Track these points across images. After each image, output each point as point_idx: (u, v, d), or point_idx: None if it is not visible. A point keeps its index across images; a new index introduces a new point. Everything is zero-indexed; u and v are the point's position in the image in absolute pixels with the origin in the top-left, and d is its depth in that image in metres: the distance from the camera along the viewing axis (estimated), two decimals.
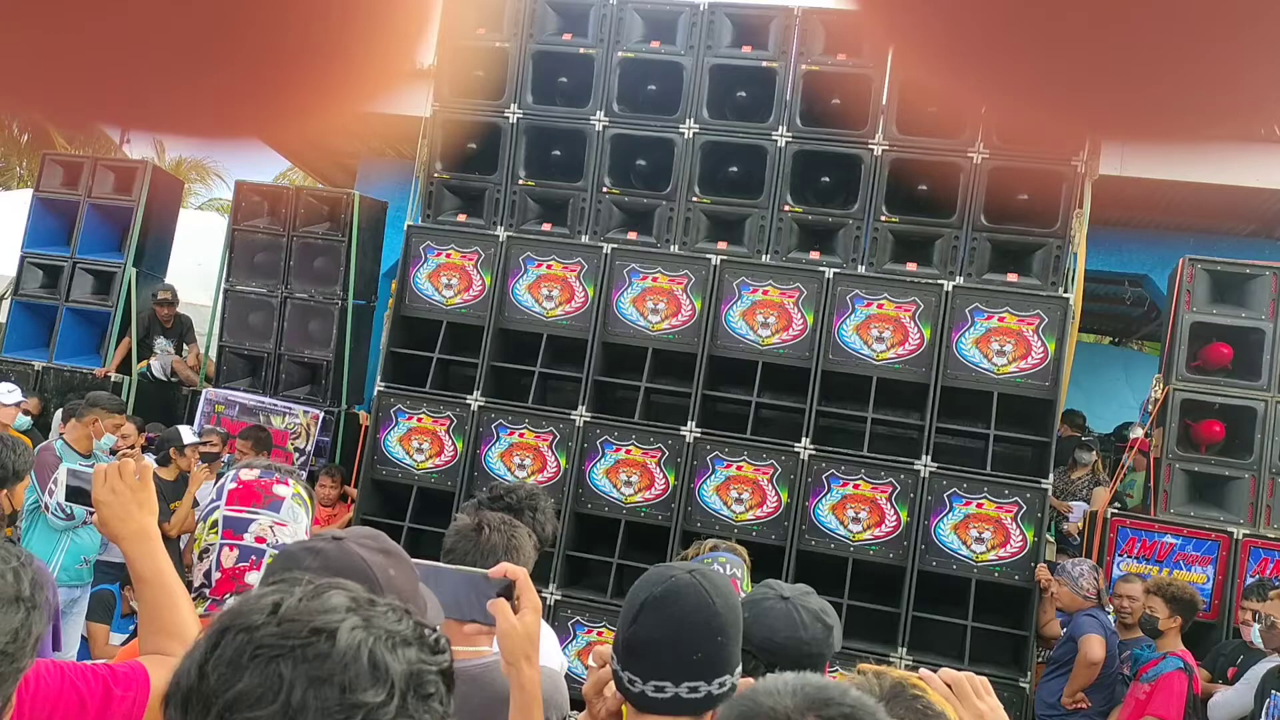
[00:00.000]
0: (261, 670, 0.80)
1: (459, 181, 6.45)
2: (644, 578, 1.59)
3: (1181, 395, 5.91)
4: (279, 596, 0.86)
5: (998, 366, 5.59)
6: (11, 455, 3.07)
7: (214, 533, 1.69)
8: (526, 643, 1.57)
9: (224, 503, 1.72)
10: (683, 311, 5.93)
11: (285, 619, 0.83)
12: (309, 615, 0.83)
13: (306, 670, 0.80)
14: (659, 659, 1.50)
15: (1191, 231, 8.36)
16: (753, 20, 6.09)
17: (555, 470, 5.90)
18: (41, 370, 7.67)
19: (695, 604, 1.52)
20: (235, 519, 1.70)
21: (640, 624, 1.52)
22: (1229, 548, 5.61)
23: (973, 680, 1.55)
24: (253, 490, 1.74)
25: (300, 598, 0.85)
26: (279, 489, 1.77)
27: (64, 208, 8.10)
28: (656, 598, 1.52)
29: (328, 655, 0.81)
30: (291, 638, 0.82)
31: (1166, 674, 4.52)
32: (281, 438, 7.01)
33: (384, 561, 1.32)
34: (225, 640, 0.83)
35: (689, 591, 1.52)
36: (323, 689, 0.80)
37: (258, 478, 1.76)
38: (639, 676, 1.50)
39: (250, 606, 0.85)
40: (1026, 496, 5.41)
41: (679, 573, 1.56)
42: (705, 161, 6.09)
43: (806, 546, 5.55)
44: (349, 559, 1.29)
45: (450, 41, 6.43)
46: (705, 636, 1.51)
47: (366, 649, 0.83)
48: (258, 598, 0.86)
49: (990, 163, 5.72)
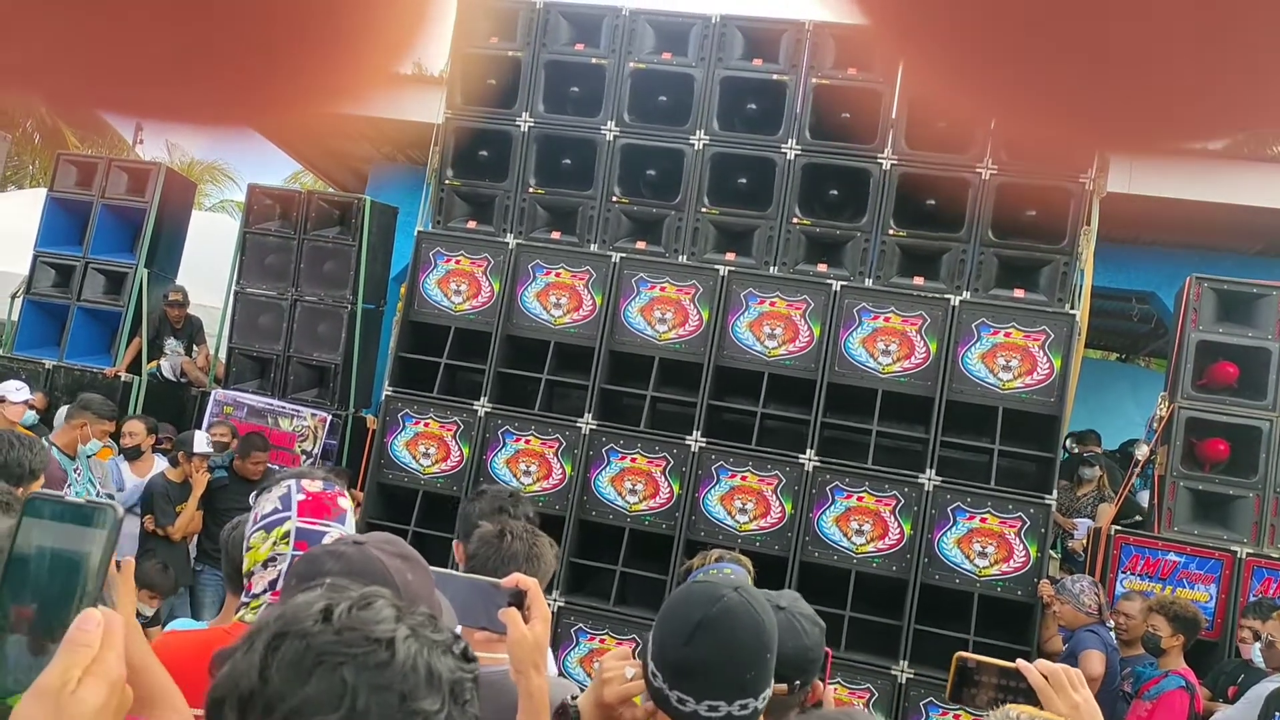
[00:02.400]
0: (326, 677, 0.82)
1: (469, 188, 6.49)
2: (688, 596, 1.59)
3: (1187, 413, 5.91)
4: (326, 603, 0.88)
5: (1003, 381, 5.60)
6: (28, 454, 3.10)
7: (285, 543, 1.72)
8: (536, 651, 1.59)
9: (295, 514, 1.75)
10: (690, 321, 5.96)
11: (344, 627, 0.85)
12: (364, 624, 0.86)
13: (369, 678, 0.83)
14: (715, 679, 1.50)
15: (1199, 249, 8.37)
16: (764, 33, 6.12)
17: (561, 477, 5.92)
18: (52, 369, 7.72)
19: (748, 623, 1.53)
20: (309, 531, 1.74)
21: (695, 645, 1.51)
22: (1232, 566, 5.61)
23: (1069, 672, 1.62)
24: (321, 503, 1.78)
25: (351, 606, 0.88)
26: (342, 501, 1.82)
27: (77, 207, 8.16)
28: (712, 619, 1.52)
29: (388, 664, 0.85)
30: (354, 646, 0.84)
31: (1168, 692, 4.52)
32: (289, 440, 7.05)
33: (402, 566, 1.35)
34: (284, 645, 0.85)
35: (742, 611, 1.53)
36: (384, 696, 0.83)
37: (322, 490, 1.80)
38: (691, 696, 1.50)
39: (302, 613, 0.87)
40: (1030, 512, 5.42)
41: (728, 591, 1.56)
42: (715, 173, 6.12)
43: (809, 558, 5.57)
44: (370, 563, 1.32)
45: (463, 49, 6.48)
46: (757, 655, 1.53)
47: (423, 659, 0.86)
48: (306, 604, 0.88)
49: (998, 178, 5.75)
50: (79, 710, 0.81)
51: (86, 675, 0.83)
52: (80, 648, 0.84)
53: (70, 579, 0.90)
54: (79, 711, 0.81)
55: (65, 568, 0.90)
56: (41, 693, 0.82)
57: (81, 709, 0.81)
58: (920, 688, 5.35)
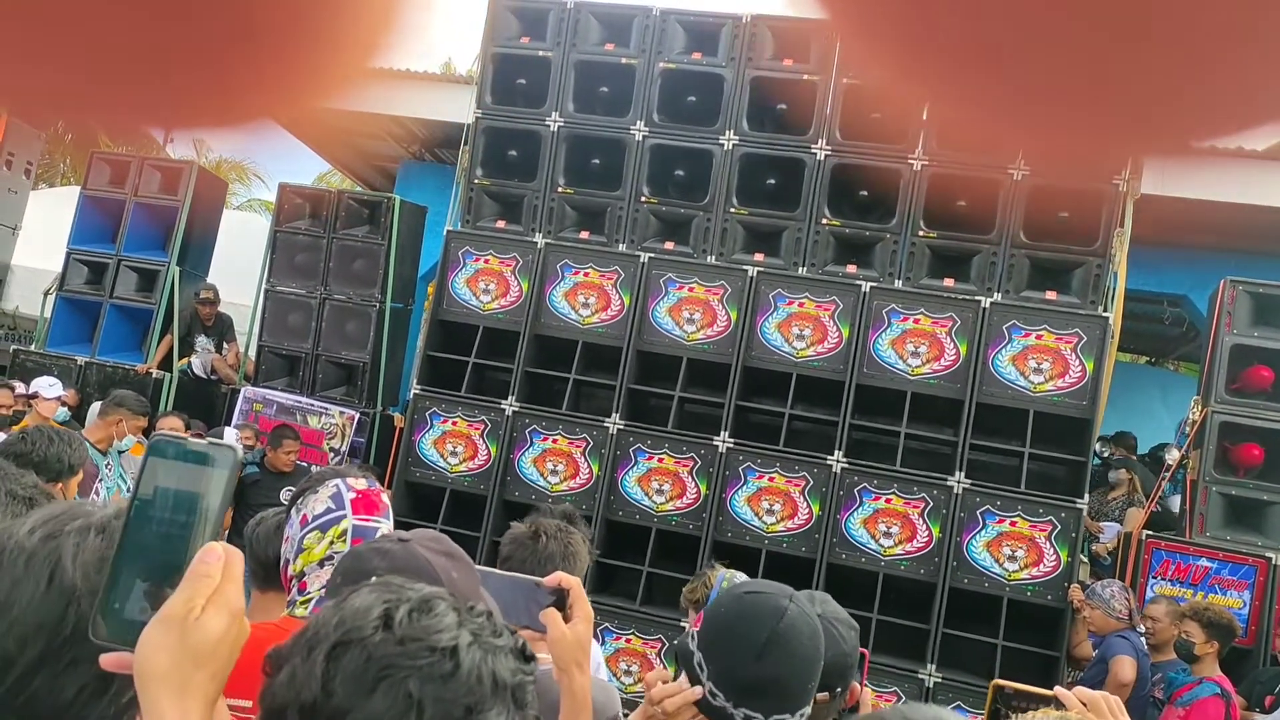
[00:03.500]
0: (393, 691, 0.82)
1: (499, 188, 6.51)
2: (752, 611, 1.56)
3: (1220, 418, 5.84)
4: (385, 607, 0.88)
5: (1034, 384, 5.56)
6: (67, 450, 3.13)
7: (343, 541, 1.74)
8: (578, 650, 1.58)
9: (350, 512, 1.76)
10: (718, 322, 5.95)
11: (407, 637, 0.85)
12: (426, 633, 0.86)
13: (434, 690, 0.83)
14: (785, 693, 1.50)
15: (1232, 252, 8.26)
16: (794, 33, 6.10)
17: (588, 477, 5.93)
18: (84, 365, 7.80)
19: (810, 634, 1.53)
20: (364, 528, 1.75)
21: (766, 662, 1.50)
22: (1266, 573, 5.53)
23: (1109, 699, 1.59)
24: (371, 499, 1.80)
25: (410, 610, 0.88)
26: (384, 497, 1.84)
27: (110, 206, 8.25)
28: (780, 634, 1.51)
29: (453, 675, 0.85)
30: (418, 657, 0.84)
31: (1203, 699, 4.47)
32: (317, 437, 7.10)
33: (447, 564, 1.35)
34: (347, 655, 0.84)
35: (803, 623, 1.53)
36: (450, 709, 0.84)
37: (368, 487, 1.81)
38: (760, 713, 1.49)
39: (360, 620, 0.86)
40: (1061, 516, 5.38)
41: (787, 603, 1.55)
42: (743, 173, 6.11)
43: (837, 560, 5.55)
44: (415, 561, 1.32)
45: (493, 48, 6.50)
46: (817, 663, 1.54)
47: (488, 668, 0.86)
48: (365, 609, 0.87)
49: (1030, 180, 5.70)
50: (202, 637, 0.84)
51: (209, 605, 0.85)
52: (203, 579, 0.86)
53: (190, 519, 0.92)
54: (202, 638, 0.84)
55: (185, 507, 0.92)
56: (167, 619, 0.84)
57: (204, 635, 0.84)
58: (948, 692, 5.31)
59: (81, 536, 0.98)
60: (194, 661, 0.83)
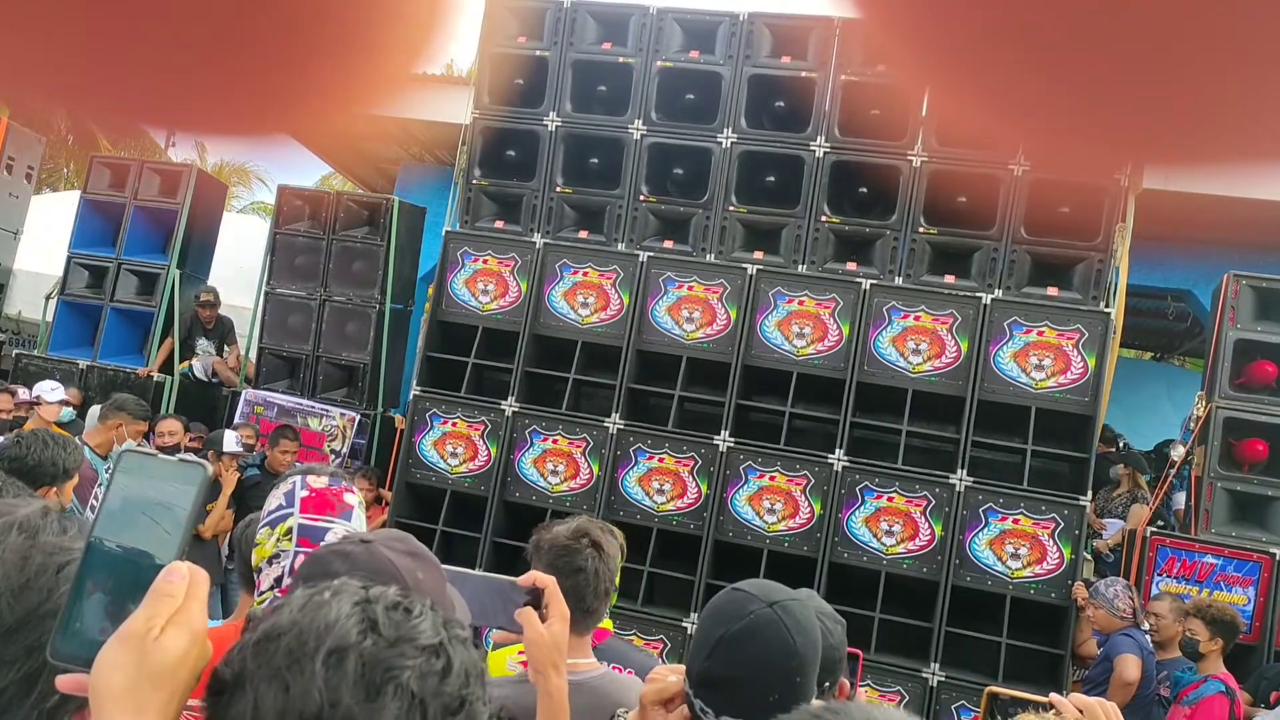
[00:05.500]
0: (402, 696, 0.82)
1: (497, 188, 6.50)
2: (720, 607, 1.51)
3: (1224, 413, 5.81)
4: (361, 610, 0.86)
5: (1036, 381, 5.53)
6: (62, 453, 3.12)
7: (288, 539, 1.70)
8: (554, 651, 1.55)
9: (298, 510, 1.73)
10: (718, 320, 5.93)
11: (399, 639, 0.85)
12: (413, 633, 0.86)
13: (433, 688, 0.84)
14: (733, 696, 1.43)
15: (1236, 247, 8.22)
16: (792, 31, 6.08)
17: (588, 477, 5.91)
18: (86, 369, 7.81)
19: (774, 643, 1.43)
20: (311, 528, 1.71)
21: (715, 660, 1.44)
22: (1271, 569, 5.50)
23: (1104, 705, 1.57)
24: (325, 499, 1.75)
25: (387, 611, 0.87)
26: (348, 497, 1.78)
27: (110, 209, 8.26)
28: (733, 635, 1.44)
29: (447, 671, 0.85)
30: (413, 657, 0.84)
31: (1208, 697, 4.44)
32: (318, 439, 7.09)
33: (412, 565, 1.32)
34: (346, 662, 0.82)
35: (769, 630, 1.44)
36: (450, 703, 0.84)
37: (327, 485, 1.77)
38: (712, 709, 1.44)
39: (344, 625, 0.84)
40: (1064, 513, 5.34)
41: (759, 607, 1.46)
42: (742, 171, 6.08)
43: (839, 558, 5.52)
44: (378, 563, 1.30)
45: (490, 49, 6.48)
46: (782, 677, 1.43)
47: (471, 659, 0.87)
48: (338, 616, 0.85)
49: (1031, 175, 5.67)
50: (161, 657, 0.82)
51: (170, 624, 0.84)
52: (165, 597, 0.85)
53: (156, 535, 0.90)
54: (161, 659, 0.82)
55: (152, 523, 0.90)
56: (126, 638, 0.83)
57: (164, 656, 0.82)
58: (951, 691, 5.28)
59: (3, 534, 0.96)
60: (152, 682, 0.81)
